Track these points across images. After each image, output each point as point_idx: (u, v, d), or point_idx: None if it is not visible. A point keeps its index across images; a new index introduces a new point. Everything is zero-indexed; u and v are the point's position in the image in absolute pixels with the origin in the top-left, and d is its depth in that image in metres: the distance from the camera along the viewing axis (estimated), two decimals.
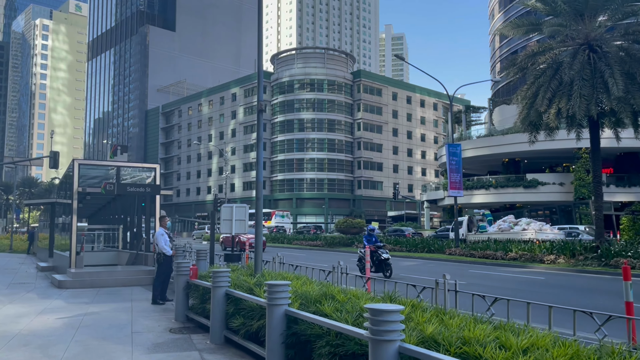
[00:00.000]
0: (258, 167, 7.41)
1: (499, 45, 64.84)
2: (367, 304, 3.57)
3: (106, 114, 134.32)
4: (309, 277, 6.88)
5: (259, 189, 7.51)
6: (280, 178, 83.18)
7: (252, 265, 7.68)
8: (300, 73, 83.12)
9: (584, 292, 12.39)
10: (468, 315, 4.12)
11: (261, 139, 7.54)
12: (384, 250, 16.14)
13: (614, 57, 17.76)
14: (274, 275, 6.93)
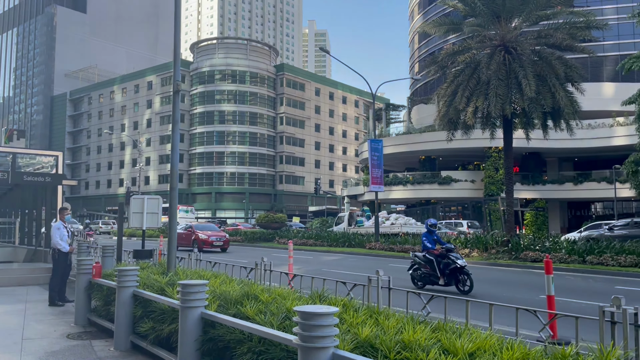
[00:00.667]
0: (173, 154, 6.70)
1: (418, 46, 66.84)
2: (296, 307, 3.10)
3: (6, 99, 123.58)
4: (229, 275, 6.31)
5: (174, 178, 6.81)
6: (199, 171, 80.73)
7: (165, 263, 6.96)
8: (222, 63, 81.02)
9: (501, 285, 12.75)
10: (404, 315, 3.77)
11: (177, 122, 6.85)
12: (457, 254, 11.38)
13: (528, 59, 18.61)
14: (190, 273, 6.29)
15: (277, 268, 13.55)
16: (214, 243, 25.05)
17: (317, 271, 15.85)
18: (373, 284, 4.86)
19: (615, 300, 3.24)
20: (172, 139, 6.74)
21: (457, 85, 19.75)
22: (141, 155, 72.97)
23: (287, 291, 4.73)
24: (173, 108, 6.87)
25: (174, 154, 6.70)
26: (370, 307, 4.08)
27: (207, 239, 24.73)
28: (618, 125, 43.97)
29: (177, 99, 6.89)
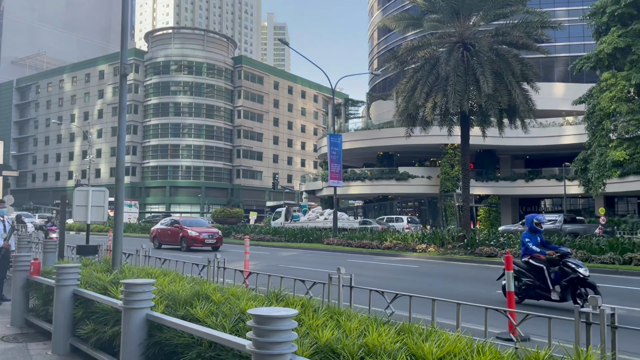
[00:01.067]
0: (119, 144, 6.23)
1: (377, 42, 67.21)
2: (250, 309, 2.78)
3: None
4: (180, 273, 5.91)
5: (120, 170, 6.33)
6: (152, 164, 78.58)
7: (111, 260, 6.48)
8: (178, 54, 79.00)
9: (459, 280, 12.79)
10: (367, 316, 3.52)
11: (124, 109, 6.37)
12: (576, 260, 8.88)
13: (485, 57, 18.84)
14: (137, 271, 5.84)
15: (233, 265, 13.16)
16: (205, 241, 22.18)
17: (275, 267, 15.53)
18: (334, 282, 4.60)
19: (592, 300, 3.10)
20: (119, 127, 6.26)
21: (416, 80, 19.80)
22: (91, 147, 70.37)
23: (242, 290, 4.40)
24: (120, 94, 6.39)
25: (121, 144, 6.23)
26: (330, 307, 3.81)
27: (197, 237, 21.93)
28: (567, 124, 45.55)
29: (124, 84, 6.41)
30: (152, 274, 5.63)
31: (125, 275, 5.54)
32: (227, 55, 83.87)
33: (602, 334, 2.95)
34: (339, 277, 4.49)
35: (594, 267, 14.42)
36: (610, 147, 25.24)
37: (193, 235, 21.99)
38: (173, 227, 23.65)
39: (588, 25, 29.02)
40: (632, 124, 23.84)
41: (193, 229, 22.72)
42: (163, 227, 24.60)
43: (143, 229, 41.06)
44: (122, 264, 6.30)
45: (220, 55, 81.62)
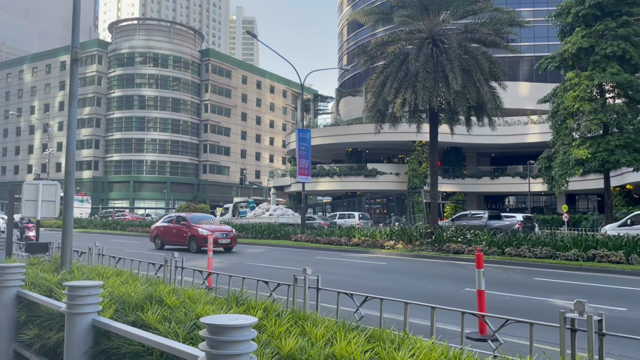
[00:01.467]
0: (70, 133, 5.77)
1: (347, 38, 67.10)
2: (203, 318, 2.46)
3: None
4: (135, 273, 5.51)
5: (70, 161, 5.86)
6: (116, 159, 76.59)
7: (60, 259, 6.01)
8: (143, 46, 77.08)
9: (427, 278, 12.69)
10: (335, 321, 3.24)
11: (75, 96, 5.92)
12: None
13: (455, 53, 18.84)
14: (87, 270, 5.42)
15: (196, 262, 12.72)
16: (218, 240, 18.98)
17: (240, 265, 15.14)
18: (299, 283, 4.31)
19: (577, 306, 2.90)
20: (69, 116, 5.80)
21: (386, 76, 19.66)
22: (51, 140, 67.99)
23: (199, 293, 4.06)
24: (70, 80, 5.92)
25: (71, 133, 5.77)
26: (295, 311, 3.52)
27: (209, 236, 17.45)
28: (532, 123, 46.45)
29: (75, 69, 5.95)
30: (103, 274, 5.22)
31: (74, 276, 5.11)
32: (194, 48, 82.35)
33: (589, 341, 2.75)
34: (304, 278, 4.20)
35: (559, 263, 14.58)
36: (573, 146, 25.73)
37: (204, 234, 18.68)
38: (179, 224, 20.58)
39: (553, 26, 29.51)
40: (594, 123, 24.32)
41: (203, 226, 19.70)
42: (166, 225, 21.35)
43: (105, 225, 39.88)
44: (73, 263, 5.86)
45: (187, 48, 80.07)
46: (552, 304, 8.54)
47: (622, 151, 23.95)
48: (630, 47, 25.00)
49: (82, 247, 8.97)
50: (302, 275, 4.23)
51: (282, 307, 3.70)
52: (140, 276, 5.28)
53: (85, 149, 77.41)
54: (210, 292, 4.43)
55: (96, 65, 77.56)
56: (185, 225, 20.22)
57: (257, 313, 3.38)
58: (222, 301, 3.84)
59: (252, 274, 12.36)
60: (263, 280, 4.61)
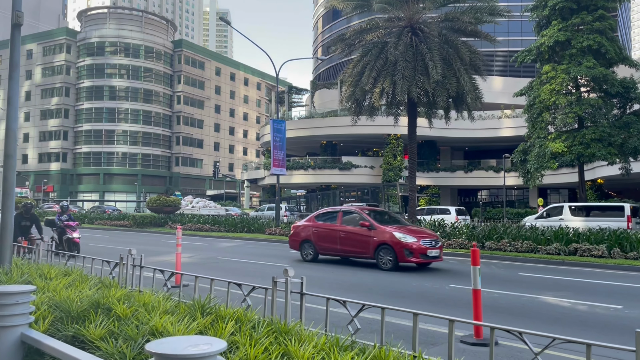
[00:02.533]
0: (10, 109, 4.98)
1: (322, 30, 66.33)
2: (150, 344, 1.80)
3: None
4: (86, 274, 4.78)
5: (10, 143, 5.07)
6: (85, 150, 74.32)
7: None
8: (113, 35, 74.81)
9: (412, 274, 12.19)
10: (324, 337, 2.61)
11: (17, 66, 5.14)
12: None
13: (434, 42, 18.37)
14: (29, 270, 4.67)
15: (163, 257, 11.89)
16: (427, 252, 12.41)
17: (212, 260, 14.40)
18: (279, 286, 3.66)
19: None
20: (9, 88, 5.02)
21: (364, 65, 19.07)
22: None
23: (157, 299, 3.38)
24: (11, 47, 5.13)
25: (11, 109, 4.98)
26: (275, 321, 2.87)
27: (416, 246, 12.24)
28: (506, 117, 46.63)
29: (18, 35, 5.16)
30: (48, 275, 4.47)
31: (12, 277, 4.35)
32: (167, 38, 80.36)
33: None
34: (286, 281, 3.55)
35: (541, 258, 14.28)
36: (549, 139, 25.69)
37: (409, 242, 12.27)
38: (359, 227, 13.36)
39: (530, 19, 29.42)
40: (570, 117, 24.28)
41: (400, 229, 12.92)
42: (323, 224, 14.37)
43: (91, 218, 37.83)
44: (15, 261, 5.09)
45: (159, 38, 78.06)
46: (545, 302, 8.11)
47: (597, 145, 23.98)
48: (606, 41, 25.04)
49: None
50: (283, 278, 3.58)
51: (258, 315, 3.05)
52: (92, 276, 4.56)
53: (54, 140, 74.91)
54: (172, 297, 3.76)
55: (64, 54, 75.00)
56: (366, 227, 13.31)
57: (227, 325, 2.72)
58: (185, 309, 3.17)
59: (225, 271, 11.66)
60: (235, 283, 3.95)
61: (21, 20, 5.23)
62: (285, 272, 3.53)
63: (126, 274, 4.51)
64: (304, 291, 3.56)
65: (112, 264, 4.87)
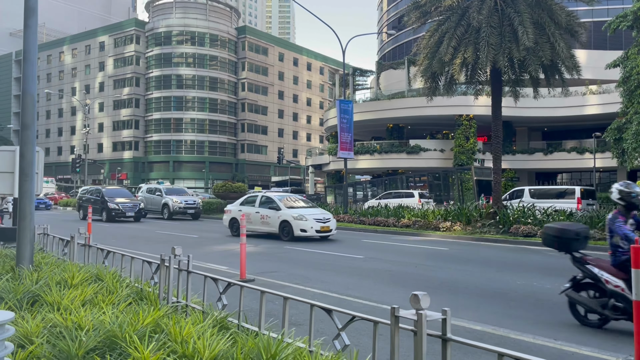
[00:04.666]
0: (26, 65, 3.96)
1: (387, 9, 63.97)
2: None
3: None
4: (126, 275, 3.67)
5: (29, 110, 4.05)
6: (155, 139, 76.35)
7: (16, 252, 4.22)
8: (179, 24, 75.92)
9: (505, 268, 10.52)
10: None
11: (34, 11, 4.11)
12: None
13: (523, 5, 16.24)
14: (49, 272, 3.62)
15: (228, 245, 10.83)
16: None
17: (279, 249, 13.36)
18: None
19: None
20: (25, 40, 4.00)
21: (442, 33, 17.23)
22: (87, 119, 67.77)
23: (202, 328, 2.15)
24: None
25: (29, 67, 3.95)
26: None
27: None
28: (591, 93, 42.73)
29: None
30: (70, 281, 3.39)
31: (23, 284, 3.30)
32: (231, 25, 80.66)
33: None
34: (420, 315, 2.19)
35: None
36: None
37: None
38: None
39: None
40: None
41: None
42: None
43: None
44: (39, 257, 4.10)
45: (223, 25, 78.45)
46: None
47: None
48: None
49: None
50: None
51: None
52: (127, 281, 3.42)
53: (126, 130, 77.53)
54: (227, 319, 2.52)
55: (134, 45, 77.08)
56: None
57: None
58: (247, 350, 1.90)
59: (294, 263, 10.59)
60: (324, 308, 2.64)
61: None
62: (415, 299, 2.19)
63: (169, 280, 3.35)
64: None
65: (154, 265, 3.76)
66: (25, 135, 4.07)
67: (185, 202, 27.11)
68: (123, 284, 3.38)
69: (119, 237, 16.32)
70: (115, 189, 28.16)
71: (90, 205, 18.90)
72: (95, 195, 25.40)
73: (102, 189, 26.44)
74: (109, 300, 2.89)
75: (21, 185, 4.04)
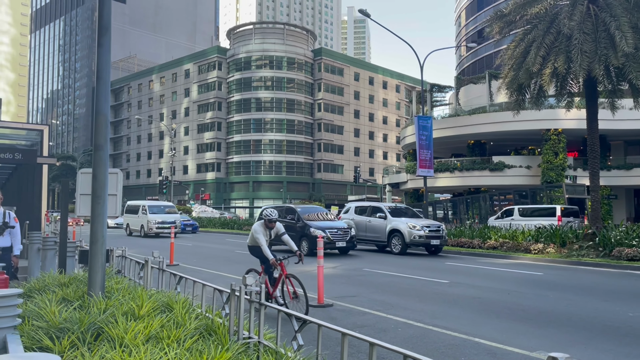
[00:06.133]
0: (99, 84, 3.88)
1: (465, 23, 62.42)
2: None
3: (54, 93, 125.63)
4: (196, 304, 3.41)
5: (101, 131, 3.96)
6: (236, 160, 78.89)
7: (87, 279, 4.10)
8: (258, 49, 78.56)
9: (612, 297, 9.37)
10: None
11: (107, 29, 4.04)
12: None
13: (620, 8, 14.92)
14: (117, 301, 3.44)
15: (306, 267, 10.49)
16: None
17: (357, 271, 12.86)
18: None
19: None
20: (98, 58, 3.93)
21: (528, 43, 16.19)
22: (173, 143, 71.25)
23: None
24: (100, 7, 4.03)
25: (102, 85, 3.87)
26: None
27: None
28: None
29: None
30: (138, 311, 3.17)
31: (98, 308, 3.12)
32: (307, 48, 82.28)
33: None
34: None
35: None
36: None
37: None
38: None
39: None
40: None
41: None
42: None
43: (223, 224, 39.97)
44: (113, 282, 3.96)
45: (299, 48, 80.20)
46: None
47: None
48: None
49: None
50: None
51: None
52: (197, 312, 3.15)
53: (209, 152, 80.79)
54: None
55: (216, 71, 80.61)
56: None
57: None
58: None
59: (374, 287, 10.07)
60: None
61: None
62: None
63: (239, 312, 3.03)
64: None
65: (224, 295, 3.48)
66: (98, 157, 4.00)
67: (428, 229, 17.59)
68: (192, 315, 3.12)
69: None
70: (309, 207, 20.57)
71: None
72: (288, 216, 18.18)
73: (297, 207, 18.79)
74: (174, 336, 2.62)
75: (93, 207, 3.96)
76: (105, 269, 4.03)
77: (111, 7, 4.01)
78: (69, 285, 4.33)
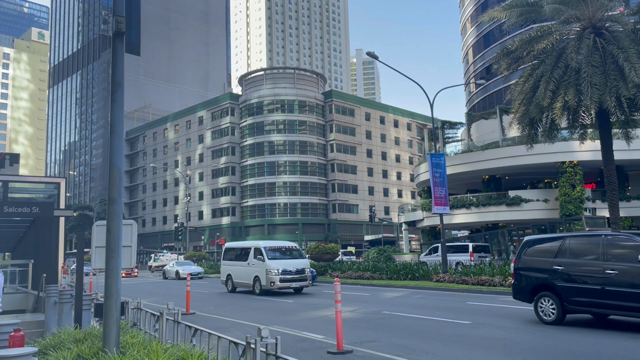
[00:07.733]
0: (113, 139, 3.95)
1: (472, 60, 63.20)
2: None
3: (72, 144, 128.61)
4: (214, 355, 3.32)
5: (115, 182, 4.01)
6: (251, 204, 79.17)
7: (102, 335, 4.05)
8: (270, 94, 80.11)
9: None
10: None
11: (119, 85, 4.14)
12: None
13: (627, 40, 15.02)
14: (137, 355, 3.37)
15: (323, 311, 10.29)
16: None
17: (376, 315, 12.62)
18: None
19: None
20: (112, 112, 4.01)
21: (537, 78, 16.31)
22: (188, 189, 71.89)
23: None
24: (113, 62, 4.16)
25: (116, 140, 3.94)
26: None
27: None
28: None
29: (120, 46, 4.19)
30: None
31: None
32: (318, 90, 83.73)
33: None
34: None
35: None
36: None
37: None
38: None
39: None
40: None
41: None
42: None
43: None
44: (128, 336, 3.90)
45: (310, 91, 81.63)
46: None
47: None
48: None
49: None
50: None
51: None
52: None
53: (223, 197, 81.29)
54: None
55: (229, 117, 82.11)
56: None
57: None
58: None
59: (394, 331, 9.81)
60: None
61: (122, 27, 4.29)
62: None
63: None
64: None
65: (239, 347, 3.40)
66: (112, 210, 4.03)
67: None
68: None
69: None
70: None
71: None
72: None
73: None
74: None
75: (107, 262, 3.97)
76: (119, 323, 3.99)
77: (124, 63, 4.14)
78: (84, 341, 4.29)
